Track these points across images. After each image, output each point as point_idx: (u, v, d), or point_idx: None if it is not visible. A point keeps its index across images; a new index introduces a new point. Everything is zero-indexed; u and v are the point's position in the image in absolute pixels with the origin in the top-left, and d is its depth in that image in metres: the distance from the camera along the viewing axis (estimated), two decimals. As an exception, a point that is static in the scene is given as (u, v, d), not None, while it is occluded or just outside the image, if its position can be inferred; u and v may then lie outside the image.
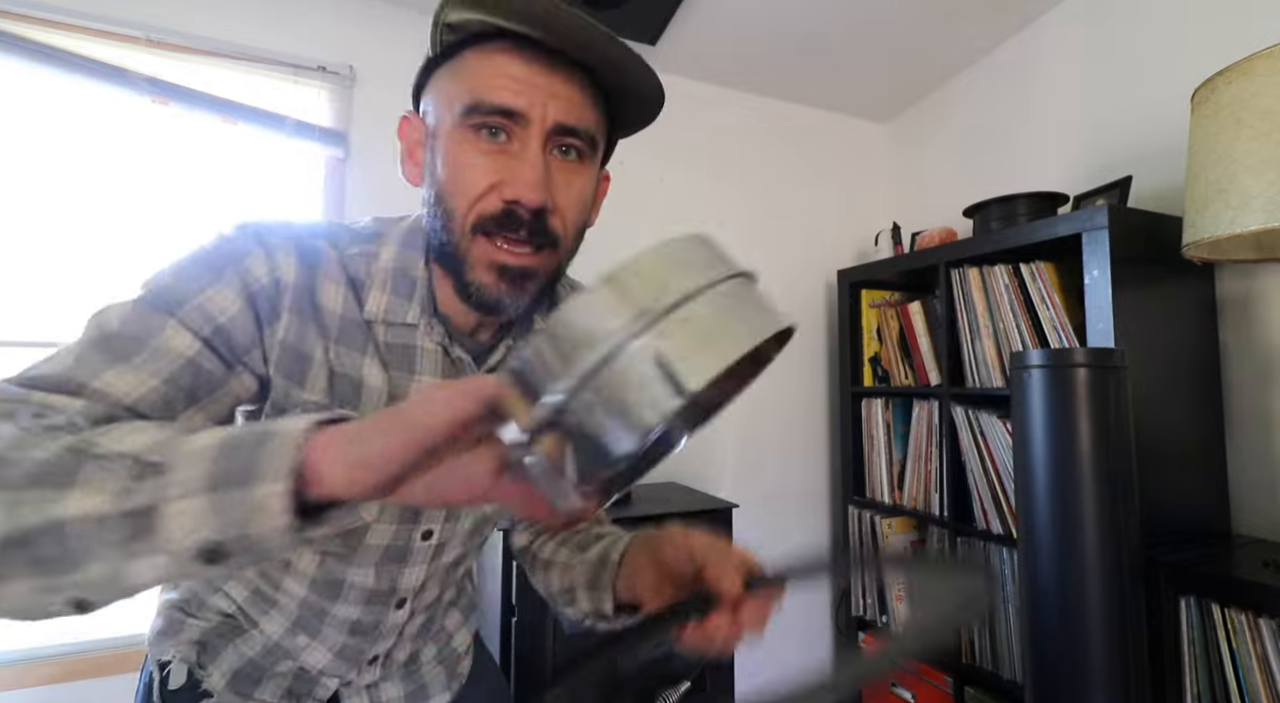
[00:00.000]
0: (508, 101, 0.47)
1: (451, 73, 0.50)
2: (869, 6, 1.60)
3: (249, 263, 0.48)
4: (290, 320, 0.49)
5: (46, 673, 1.24)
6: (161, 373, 0.43)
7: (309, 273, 0.50)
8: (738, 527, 1.46)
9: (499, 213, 0.48)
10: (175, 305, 0.45)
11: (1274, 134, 0.85)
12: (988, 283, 1.40)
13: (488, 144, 0.48)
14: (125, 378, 0.41)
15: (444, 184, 0.50)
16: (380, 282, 0.54)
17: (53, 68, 1.29)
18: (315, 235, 0.52)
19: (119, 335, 0.43)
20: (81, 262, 1.36)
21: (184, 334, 0.45)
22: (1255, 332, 1.21)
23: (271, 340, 0.49)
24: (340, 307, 0.52)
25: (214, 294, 0.47)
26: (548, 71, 0.48)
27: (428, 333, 0.55)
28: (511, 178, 0.48)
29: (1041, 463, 0.91)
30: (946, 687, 1.48)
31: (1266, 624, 0.92)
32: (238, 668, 0.60)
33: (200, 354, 0.45)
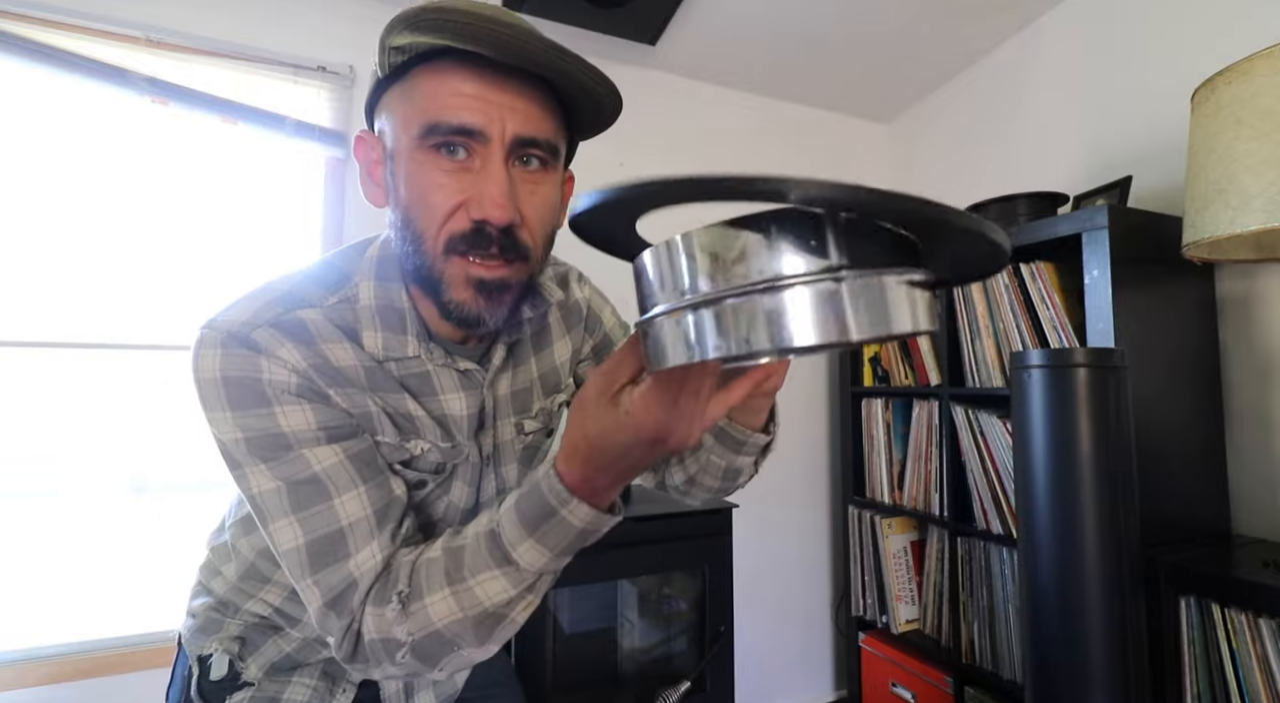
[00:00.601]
0: (465, 121, 0.47)
1: (403, 93, 0.49)
2: (869, 7, 1.60)
3: (267, 375, 0.49)
4: (335, 393, 0.51)
5: (46, 673, 1.24)
6: (355, 481, 0.50)
7: (311, 351, 0.51)
8: (738, 527, 1.46)
9: (469, 231, 0.48)
10: (283, 442, 0.48)
11: (1274, 134, 0.85)
12: (988, 283, 1.40)
13: (449, 162, 0.48)
14: (350, 506, 0.49)
15: (410, 207, 0.50)
16: (369, 322, 0.54)
17: (53, 68, 1.29)
18: (288, 306, 0.52)
19: (296, 492, 0.48)
20: (82, 262, 1.36)
21: (319, 450, 0.49)
22: (1255, 332, 1.21)
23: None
24: (354, 359, 0.53)
25: (282, 415, 0.49)
26: (501, 86, 0.48)
27: (429, 359, 0.56)
28: (477, 196, 0.48)
29: (1041, 463, 0.91)
30: (946, 687, 1.48)
31: (1266, 624, 0.92)
32: (276, 661, 0.63)
33: (346, 447, 0.50)
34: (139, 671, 1.30)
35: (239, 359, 0.48)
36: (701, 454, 0.64)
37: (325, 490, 0.49)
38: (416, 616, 0.46)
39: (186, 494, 1.42)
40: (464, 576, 0.46)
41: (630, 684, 1.43)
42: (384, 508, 0.51)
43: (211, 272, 1.45)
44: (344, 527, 0.48)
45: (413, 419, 0.56)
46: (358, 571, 0.48)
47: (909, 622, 1.67)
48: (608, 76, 0.49)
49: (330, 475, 0.49)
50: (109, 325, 1.38)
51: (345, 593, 0.48)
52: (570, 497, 0.42)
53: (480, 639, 0.47)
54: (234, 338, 0.48)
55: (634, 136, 1.80)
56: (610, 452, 0.39)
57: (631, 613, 1.48)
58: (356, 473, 0.50)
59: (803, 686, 1.99)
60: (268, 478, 0.48)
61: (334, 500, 0.49)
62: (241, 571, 0.63)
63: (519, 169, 0.50)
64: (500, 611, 0.46)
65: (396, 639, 0.46)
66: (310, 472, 0.48)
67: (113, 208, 1.38)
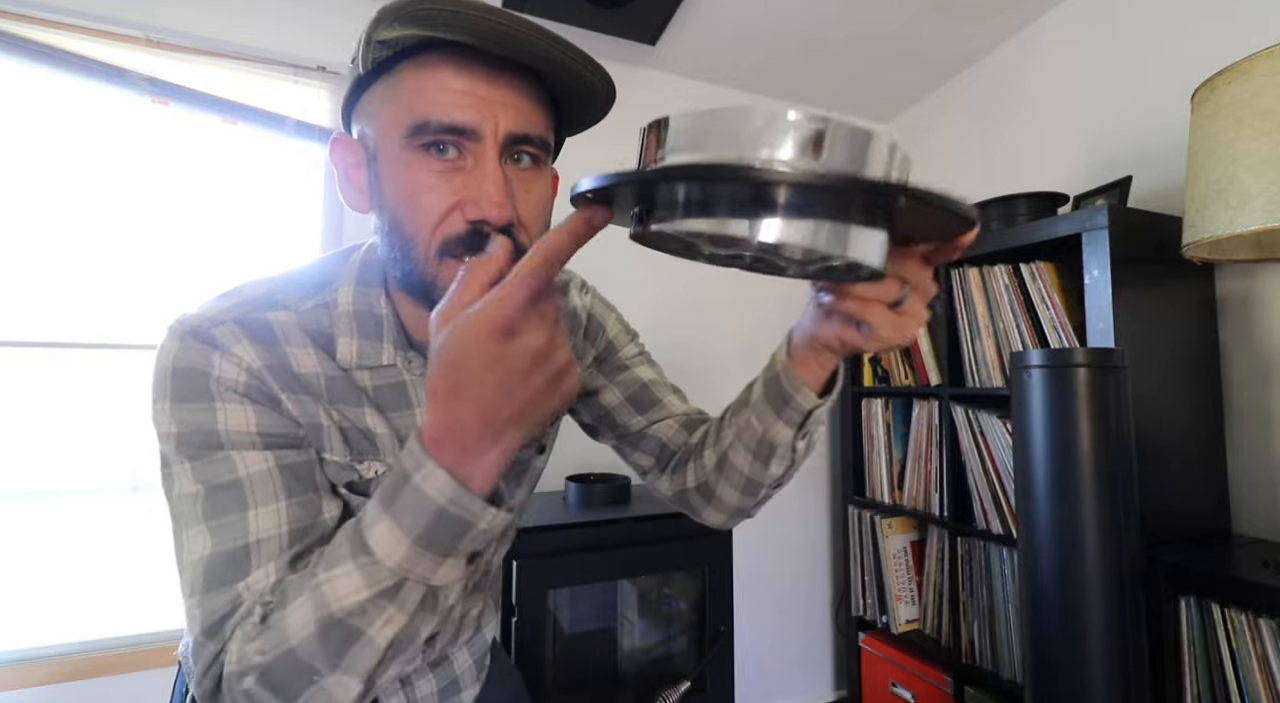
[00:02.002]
0: (456, 118, 0.44)
1: (388, 91, 0.47)
2: (869, 7, 1.60)
3: (217, 370, 0.46)
4: (288, 398, 0.49)
5: (47, 673, 1.24)
6: (279, 494, 0.46)
7: (269, 351, 0.48)
8: (738, 527, 1.46)
9: (465, 234, 0.46)
10: (214, 440, 0.46)
11: (1274, 134, 0.85)
12: (988, 283, 1.40)
13: (439, 162, 0.45)
14: (264, 521, 0.45)
15: (399, 211, 0.47)
16: (345, 328, 0.52)
17: (53, 68, 1.29)
18: (259, 306, 0.50)
19: (214, 497, 0.45)
20: (82, 262, 1.36)
21: (250, 454, 0.46)
22: (1255, 332, 1.21)
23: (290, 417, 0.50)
24: (319, 367, 0.50)
25: (222, 411, 0.46)
26: (493, 80, 0.45)
27: (407, 368, 0.54)
28: (473, 196, 0.45)
29: (1041, 463, 0.91)
30: (946, 687, 1.48)
31: (1266, 624, 0.92)
32: None
33: (280, 457, 0.47)
34: (139, 671, 1.30)
35: (193, 352, 0.46)
36: (742, 414, 0.56)
37: (243, 499, 0.45)
38: (273, 629, 0.39)
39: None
40: (319, 570, 0.39)
41: (630, 684, 1.43)
42: (302, 529, 0.46)
43: (212, 271, 1.45)
44: (250, 543, 0.44)
45: (372, 437, 0.53)
46: (246, 591, 0.42)
47: (909, 622, 1.67)
48: (601, 65, 0.47)
49: (253, 482, 0.45)
50: (109, 325, 1.38)
51: (225, 618, 0.42)
52: (425, 458, 0.36)
53: (329, 659, 0.38)
54: (194, 333, 0.47)
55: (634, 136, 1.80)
56: (458, 362, 0.33)
57: (631, 613, 1.48)
58: (283, 485, 0.46)
59: (803, 686, 1.99)
60: (190, 480, 0.45)
61: (249, 512, 0.44)
62: None
63: (511, 167, 0.47)
64: (351, 620, 0.37)
65: (250, 662, 0.39)
66: (234, 476, 0.45)
67: (113, 208, 1.38)
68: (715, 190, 0.30)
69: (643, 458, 0.70)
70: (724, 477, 0.59)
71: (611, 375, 0.69)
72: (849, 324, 0.44)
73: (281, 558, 0.44)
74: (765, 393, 0.53)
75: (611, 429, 0.70)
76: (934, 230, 0.36)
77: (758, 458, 0.56)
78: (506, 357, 0.33)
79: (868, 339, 0.42)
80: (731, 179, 0.27)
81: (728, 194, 0.29)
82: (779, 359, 0.52)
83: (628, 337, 0.71)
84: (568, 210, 0.35)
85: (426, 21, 0.42)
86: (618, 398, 0.68)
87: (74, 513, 1.35)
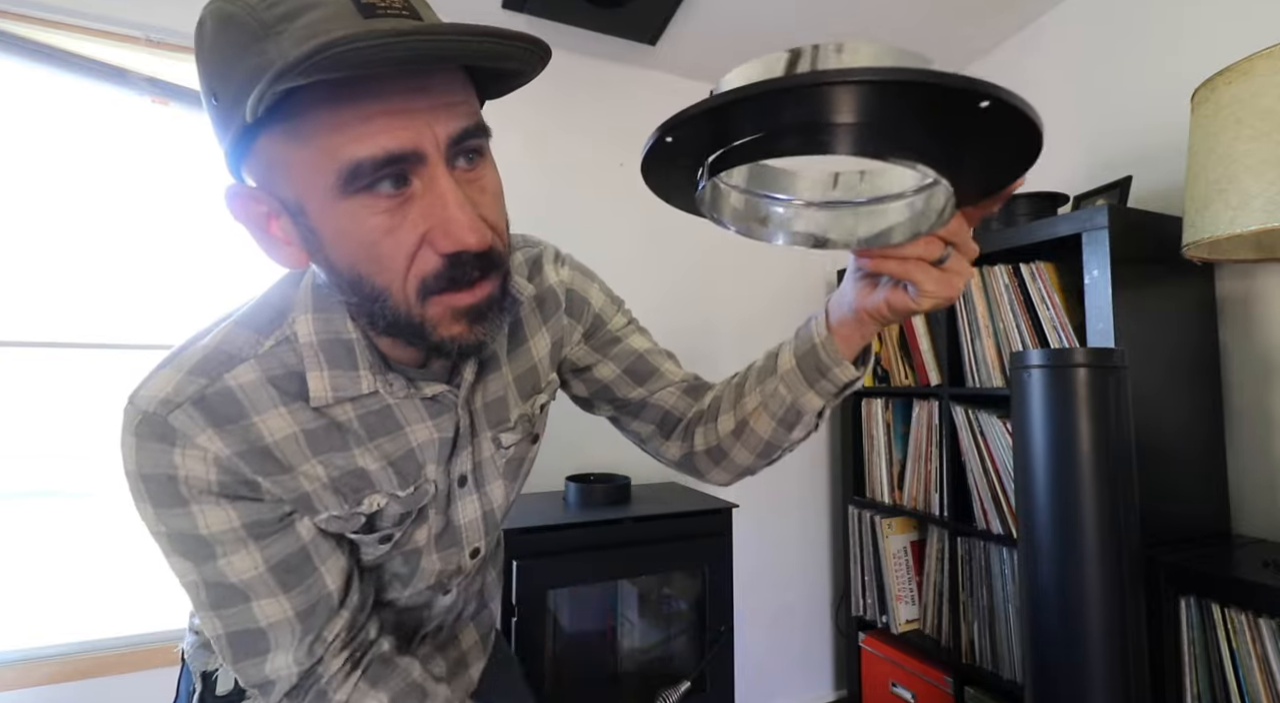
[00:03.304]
0: (390, 147, 0.38)
1: (289, 135, 0.39)
2: (869, 7, 1.60)
3: (183, 472, 0.45)
4: (266, 482, 0.47)
5: (47, 673, 1.24)
6: (275, 590, 0.49)
7: (237, 433, 0.46)
8: (738, 527, 1.46)
9: (443, 269, 0.41)
10: (203, 544, 0.47)
11: (1274, 134, 0.85)
12: (988, 283, 1.40)
13: (387, 200, 0.40)
14: (269, 609, 0.49)
15: (357, 266, 0.42)
16: (314, 361, 0.48)
17: (53, 68, 1.29)
18: (215, 369, 0.46)
19: (215, 591, 0.48)
20: (82, 262, 1.36)
21: (236, 558, 0.47)
22: (1255, 332, 1.21)
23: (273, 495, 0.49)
24: (292, 425, 0.48)
25: (200, 515, 0.46)
26: (416, 86, 0.39)
27: (389, 392, 0.51)
28: (440, 227, 0.40)
29: (1041, 463, 0.91)
30: (946, 687, 1.48)
31: (1266, 624, 0.92)
32: None
33: (268, 554, 0.48)
34: (140, 671, 1.30)
35: (152, 454, 0.44)
36: (769, 382, 0.57)
37: (244, 594, 0.48)
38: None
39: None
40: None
41: (630, 684, 1.43)
42: (308, 610, 0.50)
43: (212, 271, 1.45)
44: (263, 627, 0.48)
45: (365, 475, 0.51)
46: (274, 675, 0.49)
47: (909, 622, 1.67)
48: (523, 35, 0.38)
49: (248, 585, 0.48)
50: (110, 325, 1.38)
51: (265, 687, 0.50)
52: None
53: None
54: (148, 424, 0.44)
55: (634, 136, 1.80)
56: None
57: (631, 613, 1.48)
58: (277, 582, 0.48)
59: (803, 685, 1.99)
60: (191, 572, 0.47)
61: (252, 604, 0.48)
62: None
63: (462, 170, 0.42)
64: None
65: None
66: (229, 581, 0.47)
67: (113, 208, 1.38)
68: (786, 109, 0.28)
69: (643, 426, 0.69)
70: (741, 441, 0.60)
71: (604, 349, 0.67)
72: (896, 287, 0.45)
73: (294, 650, 0.49)
74: (798, 364, 0.54)
75: (609, 402, 0.68)
76: (988, 168, 0.35)
77: (782, 424, 0.57)
78: None
79: (918, 299, 0.43)
80: (796, 90, 0.26)
81: (801, 111, 0.28)
82: (817, 332, 0.53)
83: (614, 306, 0.68)
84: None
85: (338, 66, 0.34)
86: (614, 371, 0.66)
87: (74, 513, 1.35)
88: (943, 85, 0.26)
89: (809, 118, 0.28)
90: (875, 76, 0.25)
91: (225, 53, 0.38)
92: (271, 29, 0.36)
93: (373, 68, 0.35)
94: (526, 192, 1.61)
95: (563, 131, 1.74)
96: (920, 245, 0.40)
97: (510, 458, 0.62)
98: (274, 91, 0.34)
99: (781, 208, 0.39)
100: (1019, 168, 0.34)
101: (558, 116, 1.74)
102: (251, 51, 0.37)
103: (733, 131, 0.31)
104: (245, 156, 0.42)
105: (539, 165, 1.70)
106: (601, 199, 1.76)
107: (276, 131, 0.39)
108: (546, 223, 1.62)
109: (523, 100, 1.70)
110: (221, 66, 0.38)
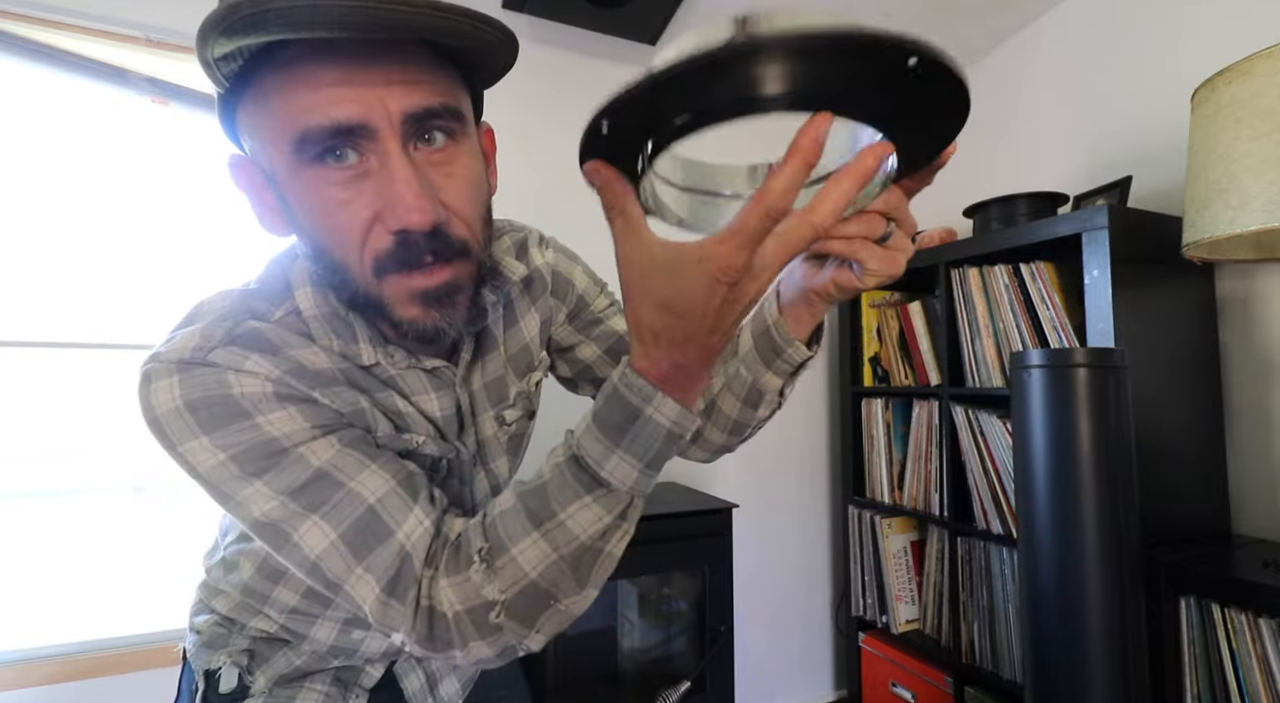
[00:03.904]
0: (337, 116, 0.38)
1: (256, 104, 0.41)
2: (869, 7, 1.60)
3: (238, 389, 0.43)
4: (321, 393, 0.46)
5: (47, 673, 1.24)
6: (364, 462, 0.45)
7: (279, 357, 0.45)
8: (738, 527, 1.46)
9: (393, 247, 0.42)
10: (276, 447, 0.43)
11: (1274, 134, 0.85)
12: (988, 283, 1.40)
13: (339, 173, 0.40)
14: (370, 482, 0.44)
15: (316, 235, 0.43)
16: (321, 331, 0.48)
17: (53, 68, 1.29)
18: (239, 319, 0.46)
19: (306, 493, 0.43)
20: (82, 262, 1.36)
21: (316, 444, 0.44)
22: (1255, 332, 1.21)
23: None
24: (329, 362, 0.48)
25: (267, 423, 0.43)
26: (370, 60, 0.39)
27: (391, 363, 0.51)
28: (389, 204, 0.40)
29: (1041, 463, 0.91)
30: (946, 687, 1.48)
31: (1266, 624, 0.92)
32: (285, 673, 0.61)
33: (342, 437, 0.46)
34: (139, 671, 1.30)
35: (201, 380, 0.42)
36: (731, 364, 0.58)
37: (335, 480, 0.44)
38: (506, 569, 0.42)
39: (186, 494, 1.42)
40: (553, 510, 0.41)
41: (630, 684, 1.43)
42: (406, 479, 0.46)
43: (212, 271, 1.45)
44: (373, 503, 0.44)
45: (403, 415, 0.52)
46: (408, 541, 0.44)
47: (909, 622, 1.67)
48: (486, 15, 0.39)
49: (335, 464, 0.44)
50: (110, 325, 1.38)
51: (402, 569, 0.43)
52: (654, 391, 0.38)
53: (580, 583, 0.43)
54: (188, 364, 0.42)
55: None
56: (695, 318, 0.34)
57: (631, 613, 1.48)
58: (363, 455, 0.45)
59: (803, 685, 1.99)
60: (267, 496, 0.43)
61: (349, 484, 0.44)
62: (241, 586, 0.61)
63: (423, 151, 0.42)
64: (596, 544, 0.42)
65: (487, 601, 0.42)
66: (313, 468, 0.43)
67: (113, 208, 1.38)
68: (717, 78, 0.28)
69: None
70: (712, 421, 0.63)
71: (587, 331, 0.68)
72: (842, 266, 0.46)
73: (416, 507, 0.45)
74: (755, 345, 0.56)
75: (592, 382, 0.70)
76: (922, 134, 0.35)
77: (747, 404, 0.60)
78: (727, 304, 0.34)
79: (863, 277, 0.44)
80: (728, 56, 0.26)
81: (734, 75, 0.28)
82: (768, 314, 0.54)
83: (597, 289, 0.69)
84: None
85: (256, 27, 0.35)
86: (596, 352, 0.68)
87: (74, 513, 1.35)
88: (872, 41, 0.26)
89: (749, 75, 0.28)
90: (808, 36, 0.25)
91: (208, 22, 0.38)
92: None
93: (284, 31, 0.35)
94: (524, 191, 1.61)
95: (563, 131, 1.74)
96: (864, 223, 0.41)
97: (512, 434, 0.64)
98: (217, 54, 0.36)
99: (718, 202, 0.39)
100: (951, 130, 0.34)
101: (558, 116, 1.74)
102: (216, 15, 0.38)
103: (670, 108, 0.31)
104: (235, 126, 0.44)
105: (538, 165, 1.70)
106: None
107: (247, 100, 0.41)
108: (544, 222, 1.61)
109: (522, 100, 1.70)
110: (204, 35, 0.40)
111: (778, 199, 0.30)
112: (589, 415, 0.41)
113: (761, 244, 0.32)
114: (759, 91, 0.29)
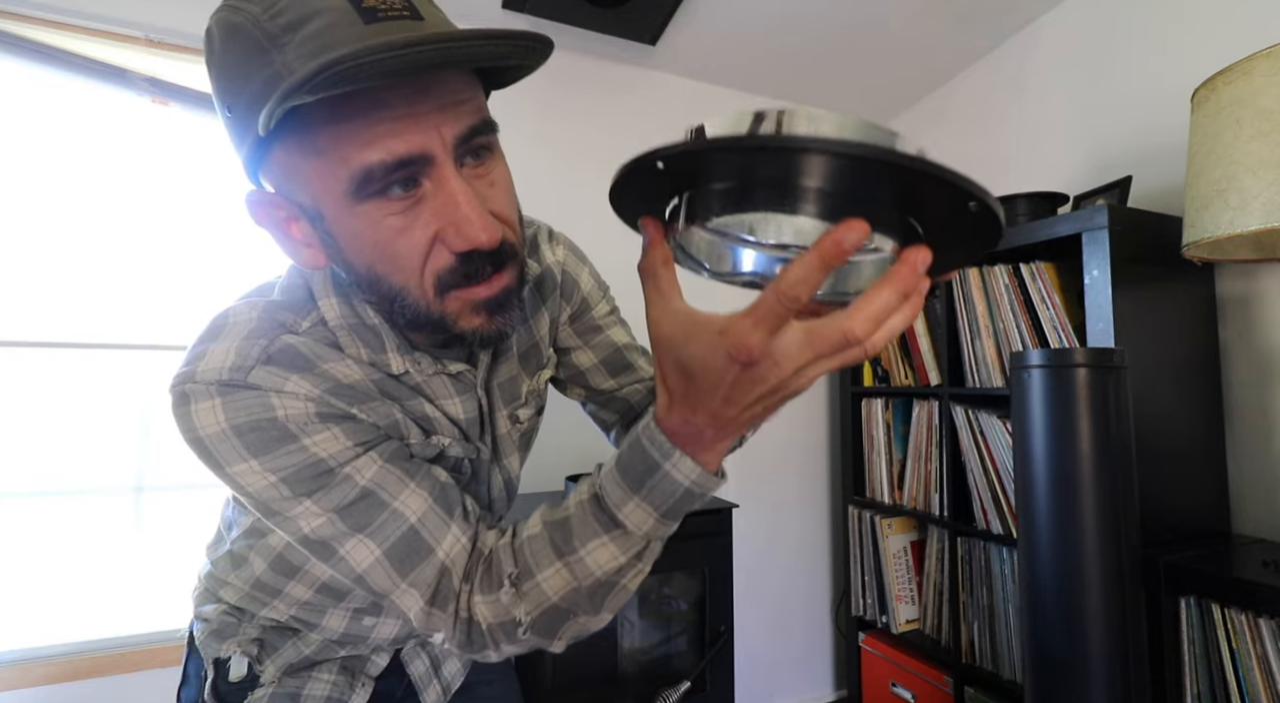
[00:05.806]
0: (399, 151, 0.39)
1: (302, 145, 0.40)
2: (869, 7, 1.60)
3: (282, 411, 0.44)
4: (359, 410, 0.48)
5: (46, 673, 1.24)
6: (405, 480, 0.48)
7: (316, 375, 0.47)
8: (738, 527, 1.46)
9: (457, 265, 0.43)
10: (324, 468, 0.45)
11: (1274, 134, 0.85)
12: (988, 283, 1.40)
13: (400, 203, 0.41)
14: (411, 502, 0.47)
15: (374, 266, 0.43)
16: (349, 341, 0.50)
17: (53, 68, 1.29)
18: (270, 336, 0.47)
19: (352, 513, 0.46)
20: (82, 262, 1.36)
21: (359, 462, 0.46)
22: (1255, 332, 1.21)
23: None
24: (361, 374, 0.50)
25: (314, 445, 0.45)
26: (423, 88, 0.39)
27: (418, 371, 0.53)
28: (452, 225, 0.41)
29: (1041, 463, 0.91)
30: (946, 687, 1.48)
31: (1266, 624, 0.92)
32: (294, 661, 0.63)
33: (382, 452, 0.48)
34: (139, 671, 1.30)
35: (245, 404, 0.43)
36: None
37: (380, 499, 0.46)
38: (531, 594, 0.46)
39: (186, 494, 1.42)
40: (574, 546, 0.44)
41: (630, 684, 1.43)
42: (441, 494, 0.49)
43: (212, 271, 1.45)
44: (414, 523, 0.47)
45: (431, 420, 0.54)
46: (447, 558, 0.47)
47: (909, 622, 1.67)
48: (543, 35, 0.40)
49: (379, 483, 0.46)
50: (110, 325, 1.38)
51: (442, 583, 0.47)
52: (673, 449, 0.39)
53: (596, 609, 0.46)
54: (230, 386, 0.43)
55: (634, 136, 1.80)
56: (707, 387, 0.35)
57: (631, 613, 1.48)
58: (402, 472, 0.48)
59: (803, 686, 1.99)
60: (316, 513, 0.45)
61: (393, 504, 0.46)
62: (252, 580, 0.61)
63: (471, 168, 0.43)
64: (611, 579, 0.45)
65: (515, 620, 0.46)
66: (359, 487, 0.46)
67: (113, 208, 1.38)
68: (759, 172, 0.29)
69: (609, 415, 0.71)
70: None
71: (586, 337, 0.69)
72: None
73: (453, 525, 0.48)
74: None
75: (583, 387, 0.71)
76: (941, 255, 0.33)
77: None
78: (742, 382, 0.34)
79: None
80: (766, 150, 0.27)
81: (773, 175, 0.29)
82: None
83: (600, 293, 0.70)
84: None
85: (345, 82, 0.35)
86: (591, 360, 0.69)
87: (75, 513, 1.35)
88: (949, 181, 0.27)
89: (802, 177, 0.29)
90: (900, 161, 0.27)
91: (234, 64, 0.39)
92: (276, 40, 0.37)
93: (376, 81, 0.35)
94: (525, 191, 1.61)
95: (562, 131, 1.74)
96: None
97: (524, 431, 0.65)
98: (283, 108, 0.35)
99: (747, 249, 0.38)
100: (967, 260, 0.35)
101: (557, 116, 1.74)
102: (258, 63, 0.38)
103: (715, 176, 0.31)
104: (262, 165, 0.43)
105: (538, 165, 1.70)
106: (601, 199, 1.75)
107: (290, 142, 0.40)
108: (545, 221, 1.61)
109: (522, 100, 1.71)
110: (232, 79, 0.39)
111: (790, 287, 0.29)
112: (614, 458, 0.43)
113: (781, 332, 0.31)
114: (800, 194, 0.29)
